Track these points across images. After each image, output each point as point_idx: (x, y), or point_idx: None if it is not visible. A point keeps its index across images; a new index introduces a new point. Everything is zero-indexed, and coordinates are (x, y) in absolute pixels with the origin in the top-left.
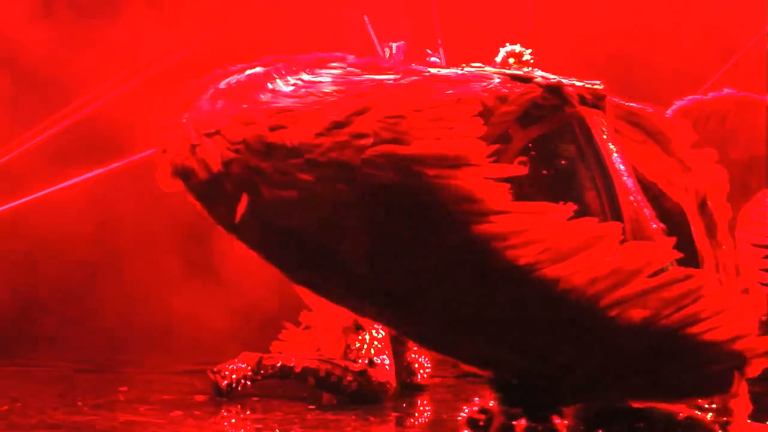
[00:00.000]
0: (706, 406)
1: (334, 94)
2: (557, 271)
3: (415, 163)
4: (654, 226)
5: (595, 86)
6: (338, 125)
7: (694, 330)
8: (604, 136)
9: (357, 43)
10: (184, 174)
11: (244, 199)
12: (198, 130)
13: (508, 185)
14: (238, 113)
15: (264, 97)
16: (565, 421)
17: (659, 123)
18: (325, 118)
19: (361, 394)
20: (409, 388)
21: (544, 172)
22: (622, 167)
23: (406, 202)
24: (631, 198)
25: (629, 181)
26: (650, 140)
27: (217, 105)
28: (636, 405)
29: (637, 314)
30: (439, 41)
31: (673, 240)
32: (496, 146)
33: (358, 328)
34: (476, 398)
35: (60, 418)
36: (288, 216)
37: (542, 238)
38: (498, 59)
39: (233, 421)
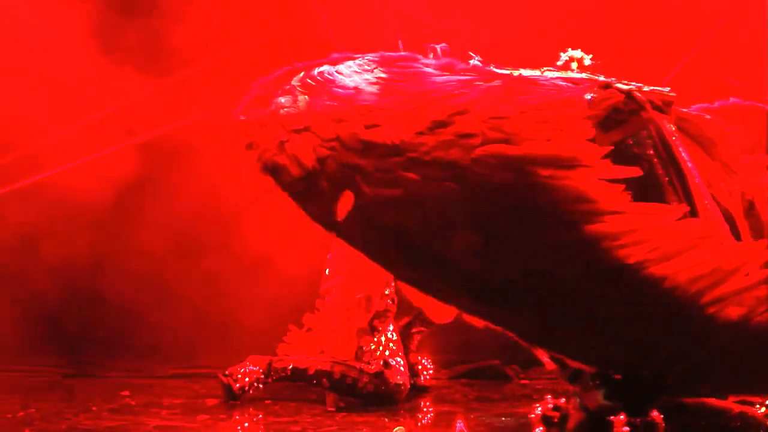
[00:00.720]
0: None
1: (424, 93)
2: (663, 269)
3: (528, 163)
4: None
5: (666, 92)
6: (440, 125)
7: None
8: (676, 141)
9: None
10: (275, 170)
11: (349, 197)
12: (284, 126)
13: (623, 186)
14: (325, 110)
15: (348, 94)
16: (662, 415)
17: (705, 127)
18: (426, 117)
19: (377, 395)
20: (412, 390)
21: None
22: (694, 171)
23: (518, 202)
24: (706, 201)
25: (701, 185)
26: (694, 144)
27: (299, 101)
28: (689, 400)
29: (734, 312)
30: (400, 42)
31: (767, 241)
32: (609, 148)
33: (373, 330)
34: (548, 396)
35: (88, 424)
36: (393, 214)
37: (652, 237)
38: (560, 63)
39: (257, 423)
